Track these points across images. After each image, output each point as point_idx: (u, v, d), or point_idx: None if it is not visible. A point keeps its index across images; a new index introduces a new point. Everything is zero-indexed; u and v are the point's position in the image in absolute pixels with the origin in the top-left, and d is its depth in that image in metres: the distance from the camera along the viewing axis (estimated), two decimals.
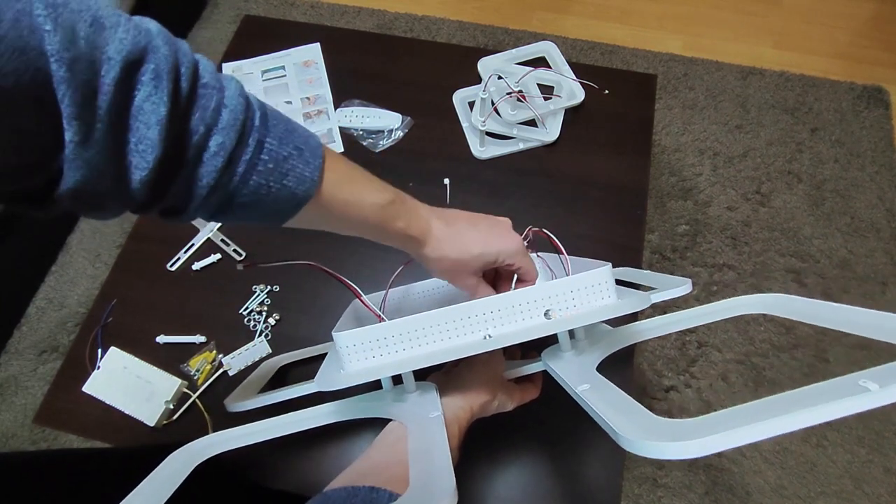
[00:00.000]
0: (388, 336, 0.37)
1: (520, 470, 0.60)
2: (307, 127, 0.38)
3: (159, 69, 0.27)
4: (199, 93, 0.30)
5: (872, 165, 1.40)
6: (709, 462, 1.10)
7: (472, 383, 0.44)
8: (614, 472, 0.59)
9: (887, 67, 1.56)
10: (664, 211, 1.36)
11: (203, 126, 0.30)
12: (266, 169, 0.33)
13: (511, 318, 0.37)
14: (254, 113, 0.33)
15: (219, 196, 0.32)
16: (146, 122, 0.27)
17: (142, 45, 0.27)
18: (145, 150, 0.27)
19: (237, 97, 0.31)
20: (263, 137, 0.33)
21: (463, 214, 0.46)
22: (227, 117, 0.30)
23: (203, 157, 0.30)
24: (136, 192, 0.29)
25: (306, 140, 0.36)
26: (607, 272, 0.38)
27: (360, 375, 0.37)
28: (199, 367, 0.66)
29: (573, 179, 0.77)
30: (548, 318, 0.37)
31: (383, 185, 0.42)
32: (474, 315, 0.37)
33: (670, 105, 1.50)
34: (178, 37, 0.30)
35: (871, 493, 1.07)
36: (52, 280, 1.34)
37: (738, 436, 0.22)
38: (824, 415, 0.22)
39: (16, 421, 1.20)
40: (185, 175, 0.30)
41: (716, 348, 1.20)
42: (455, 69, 0.88)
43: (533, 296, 0.37)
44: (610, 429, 0.28)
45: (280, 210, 0.36)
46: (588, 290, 0.37)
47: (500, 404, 0.46)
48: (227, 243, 0.74)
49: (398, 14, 1.68)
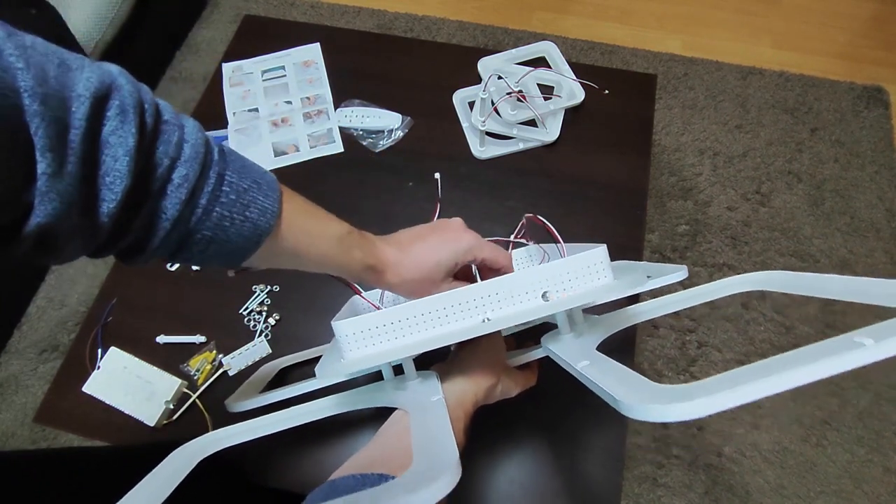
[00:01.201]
0: (388, 323, 0.37)
1: (519, 466, 0.60)
2: (307, 127, 0.38)
3: (124, 104, 0.28)
4: (161, 128, 0.31)
5: (872, 165, 1.40)
6: (709, 462, 1.10)
7: (475, 368, 0.44)
8: (615, 467, 0.59)
9: (887, 67, 1.56)
10: (664, 211, 1.36)
11: (167, 159, 0.31)
12: (228, 200, 0.34)
13: (509, 300, 0.37)
14: (212, 148, 0.34)
15: (181, 230, 0.33)
16: (114, 155, 0.28)
17: (107, 83, 0.28)
18: (113, 181, 0.28)
19: (196, 132, 0.33)
20: (223, 170, 0.34)
21: (412, 233, 0.47)
22: (189, 151, 0.32)
23: (167, 190, 0.31)
24: (102, 225, 0.29)
25: (262, 174, 0.37)
26: (603, 253, 0.39)
27: (361, 363, 0.37)
28: (199, 367, 0.66)
29: (573, 179, 0.77)
30: (545, 299, 0.37)
31: (338, 219, 0.43)
32: (472, 299, 0.37)
33: (670, 105, 1.50)
34: (178, 36, 0.30)
35: (870, 493, 1.07)
36: (53, 279, 1.35)
37: (738, 395, 0.22)
38: (821, 371, 0.22)
39: (16, 420, 1.20)
40: (149, 207, 0.31)
41: (716, 348, 1.20)
42: (455, 69, 0.88)
43: (530, 278, 0.37)
44: (610, 397, 0.28)
45: (242, 246, 0.36)
46: (585, 271, 0.38)
47: (504, 389, 0.46)
48: None
49: (398, 14, 1.69)
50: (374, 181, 0.79)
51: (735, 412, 1.14)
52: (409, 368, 0.43)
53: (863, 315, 1.35)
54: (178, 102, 1.55)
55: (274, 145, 0.82)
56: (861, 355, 0.22)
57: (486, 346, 0.47)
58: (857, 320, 1.34)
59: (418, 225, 0.48)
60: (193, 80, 1.60)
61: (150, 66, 1.58)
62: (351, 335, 0.37)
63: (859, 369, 0.23)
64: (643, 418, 0.25)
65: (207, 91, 0.89)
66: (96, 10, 1.26)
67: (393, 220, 0.75)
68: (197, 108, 0.88)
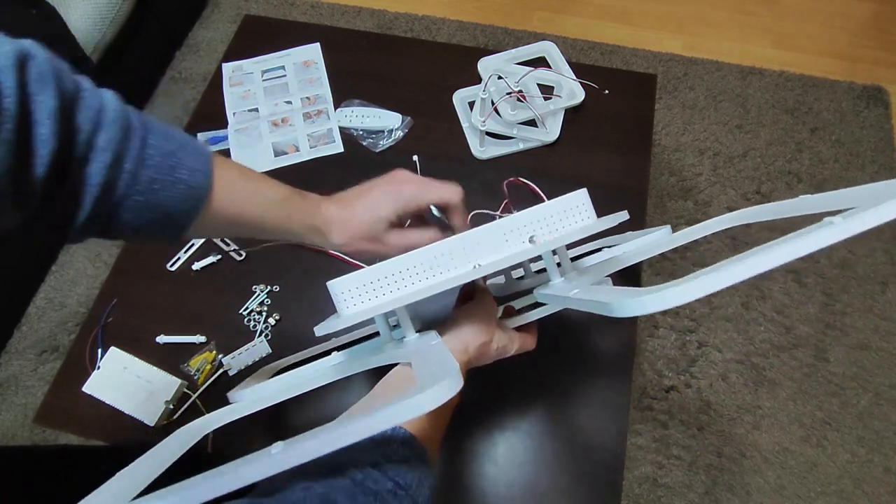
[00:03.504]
0: (382, 276, 0.38)
1: (519, 466, 0.60)
2: (307, 127, 0.38)
3: (42, 71, 0.30)
4: (81, 95, 0.32)
5: (872, 165, 1.40)
6: (709, 462, 1.10)
7: (468, 325, 0.44)
8: (615, 467, 0.59)
9: (887, 67, 1.56)
10: (664, 211, 1.36)
11: (89, 124, 0.32)
12: (155, 163, 0.34)
13: (497, 247, 0.38)
14: (133, 115, 0.34)
15: (111, 197, 0.33)
16: (39, 119, 0.29)
17: (24, 52, 0.29)
18: (41, 144, 0.29)
19: (115, 100, 0.34)
20: (146, 134, 0.34)
21: (356, 189, 0.47)
22: (111, 115, 0.32)
23: (91, 155, 0.32)
24: (34, 192, 0.30)
25: (190, 139, 0.37)
26: (584, 195, 0.40)
27: (357, 317, 0.37)
28: (199, 367, 0.66)
29: (573, 179, 0.77)
30: (532, 242, 0.38)
31: (279, 182, 0.43)
32: (461, 249, 0.37)
33: (670, 105, 1.50)
34: (178, 36, 0.31)
35: (870, 493, 1.07)
36: (53, 280, 1.34)
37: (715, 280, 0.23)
38: (797, 250, 0.23)
39: (16, 421, 1.20)
40: (76, 172, 0.32)
41: (716, 348, 1.20)
42: (455, 69, 0.88)
43: (516, 223, 0.38)
44: (600, 305, 0.29)
45: (179, 210, 0.36)
46: (568, 213, 0.39)
47: (500, 347, 0.46)
48: (227, 243, 0.74)
49: (398, 14, 1.69)
50: None
51: (735, 412, 1.14)
52: (406, 324, 0.43)
53: (862, 314, 1.35)
54: (178, 102, 1.55)
55: (274, 145, 0.82)
56: (831, 232, 0.23)
57: (477, 306, 0.47)
58: (856, 320, 1.33)
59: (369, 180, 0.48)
60: (193, 80, 1.60)
61: (150, 66, 1.58)
62: (346, 291, 0.38)
63: (859, 370, 0.23)
64: (634, 313, 0.26)
65: (207, 91, 0.89)
66: (96, 10, 1.26)
67: None
68: (197, 108, 0.88)
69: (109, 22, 1.30)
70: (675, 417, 1.14)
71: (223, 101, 0.87)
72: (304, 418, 0.63)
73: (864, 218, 0.23)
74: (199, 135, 0.84)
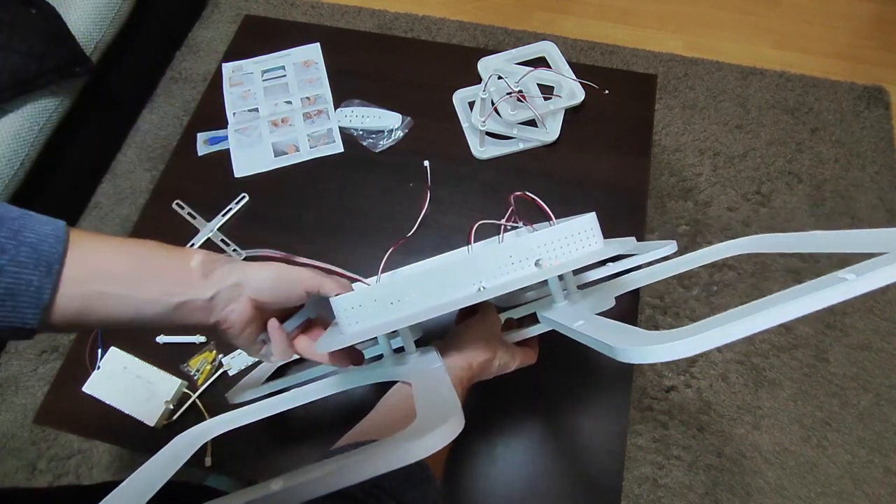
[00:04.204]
0: (386, 295, 0.37)
1: (519, 467, 0.60)
2: (307, 127, 0.37)
3: None
4: None
5: (872, 165, 1.40)
6: (709, 463, 1.10)
7: (471, 342, 0.44)
8: (615, 468, 0.59)
9: (887, 67, 1.56)
10: (664, 211, 1.36)
11: None
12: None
13: (504, 269, 0.38)
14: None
15: None
16: None
17: None
18: None
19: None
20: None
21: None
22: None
23: None
24: None
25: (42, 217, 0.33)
26: (592, 219, 0.40)
27: (360, 335, 0.37)
28: (199, 367, 0.66)
29: (573, 179, 0.77)
30: (539, 266, 0.38)
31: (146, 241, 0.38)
32: (468, 270, 0.37)
33: (670, 105, 1.50)
34: (178, 36, 0.30)
35: (871, 494, 1.07)
36: None
37: (727, 332, 0.22)
38: (808, 305, 0.23)
39: (16, 421, 1.20)
40: None
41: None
42: (455, 69, 0.88)
43: (523, 246, 0.38)
44: (605, 346, 0.29)
45: (25, 282, 0.30)
46: (576, 237, 0.39)
47: (502, 364, 0.46)
48: (227, 243, 0.74)
49: (398, 14, 1.69)
50: (374, 181, 0.79)
51: (735, 413, 1.14)
52: (409, 343, 0.43)
53: (862, 315, 1.35)
54: (178, 102, 1.55)
55: (274, 145, 0.82)
56: (845, 289, 0.23)
57: (480, 322, 0.47)
58: (857, 320, 1.33)
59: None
60: (193, 80, 1.60)
61: (150, 66, 1.58)
62: (350, 309, 0.38)
63: (859, 370, 0.23)
64: (639, 361, 0.26)
65: (207, 91, 0.89)
66: (96, 10, 1.26)
67: (393, 220, 0.75)
68: (197, 108, 0.88)
69: (109, 22, 1.30)
70: (675, 418, 1.14)
71: (223, 101, 0.87)
72: (302, 421, 0.63)
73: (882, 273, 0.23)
74: (200, 135, 0.84)
